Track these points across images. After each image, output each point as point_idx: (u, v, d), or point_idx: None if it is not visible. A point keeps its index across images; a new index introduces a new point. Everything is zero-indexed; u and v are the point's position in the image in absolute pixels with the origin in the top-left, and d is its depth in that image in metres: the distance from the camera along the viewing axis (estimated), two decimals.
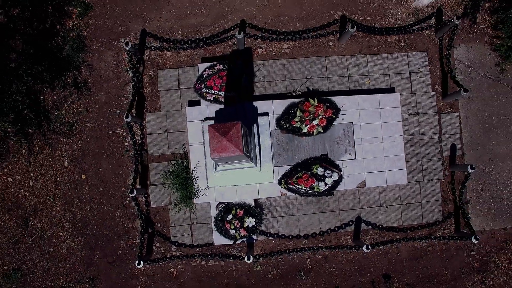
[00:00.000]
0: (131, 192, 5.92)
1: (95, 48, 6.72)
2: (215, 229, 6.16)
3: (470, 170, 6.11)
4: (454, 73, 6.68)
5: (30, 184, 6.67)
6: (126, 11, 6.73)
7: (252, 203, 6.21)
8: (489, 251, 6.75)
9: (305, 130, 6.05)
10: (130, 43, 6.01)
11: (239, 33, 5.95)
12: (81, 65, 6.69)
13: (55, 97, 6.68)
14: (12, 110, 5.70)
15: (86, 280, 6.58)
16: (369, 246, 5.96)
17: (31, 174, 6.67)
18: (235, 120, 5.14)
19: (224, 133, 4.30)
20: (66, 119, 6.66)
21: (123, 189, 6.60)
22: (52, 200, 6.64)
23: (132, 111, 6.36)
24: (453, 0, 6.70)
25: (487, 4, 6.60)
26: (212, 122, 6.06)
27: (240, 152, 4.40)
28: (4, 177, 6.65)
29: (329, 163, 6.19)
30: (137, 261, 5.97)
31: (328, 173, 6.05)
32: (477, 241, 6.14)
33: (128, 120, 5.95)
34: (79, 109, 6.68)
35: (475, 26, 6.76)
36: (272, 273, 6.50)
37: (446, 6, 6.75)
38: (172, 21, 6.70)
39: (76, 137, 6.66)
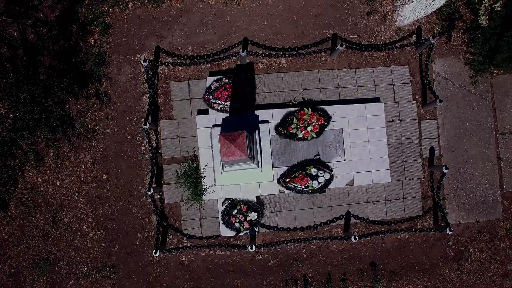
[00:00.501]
0: (149, 190, 6.78)
1: (115, 63, 7.57)
2: (222, 222, 7.03)
3: (445, 170, 6.99)
4: (432, 85, 7.55)
5: (57, 184, 7.52)
6: (142, 29, 7.59)
7: (254, 199, 7.08)
8: (464, 242, 7.63)
9: (300, 135, 6.92)
10: (147, 60, 6.87)
11: (243, 51, 6.82)
12: (102, 78, 7.54)
13: (79, 106, 7.53)
14: (48, 120, 6.55)
15: (107, 268, 7.43)
16: (357, 237, 6.84)
17: (58, 175, 7.52)
18: (240, 127, 6.00)
19: (232, 141, 5.17)
20: (89, 126, 7.52)
21: (140, 187, 7.45)
22: (76, 197, 7.49)
23: (148, 119, 7.22)
24: (431, 20, 7.57)
25: (460, 24, 7.47)
26: (219, 129, 6.92)
27: (245, 156, 5.27)
28: (34, 178, 7.50)
29: (322, 164, 7.07)
30: (154, 251, 6.83)
31: (320, 173, 6.92)
32: (451, 232, 7.02)
33: (145, 127, 6.82)
34: (101, 117, 7.53)
35: (451, 43, 7.63)
36: (272, 261, 7.37)
37: (425, 26, 7.63)
38: (183, 39, 7.56)
39: (98, 142, 7.51)
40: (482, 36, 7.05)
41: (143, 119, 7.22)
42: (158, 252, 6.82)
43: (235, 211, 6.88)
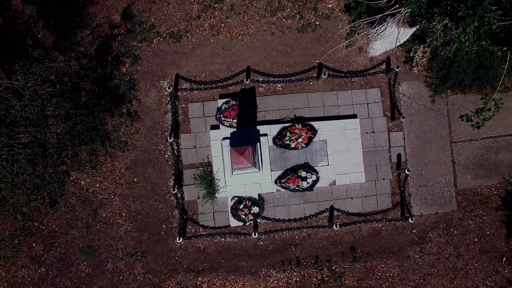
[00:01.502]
0: (173, 189, 8.57)
1: (143, 87, 9.35)
2: (231, 215, 8.83)
3: (407, 172, 8.82)
4: (399, 103, 9.37)
5: (97, 186, 9.30)
6: (164, 60, 9.37)
7: (256, 196, 8.89)
8: (425, 229, 9.45)
9: (292, 145, 8.72)
10: (171, 87, 8.66)
11: (246, 79, 8.62)
12: (132, 99, 9.32)
13: (114, 122, 9.31)
14: (98, 136, 8.31)
15: (138, 253, 9.22)
16: (338, 225, 8.66)
17: (97, 178, 9.30)
18: (245, 139, 7.79)
19: (241, 153, 6.96)
20: (122, 139, 9.29)
21: (164, 188, 9.24)
22: (113, 196, 9.27)
23: (172, 133, 9.00)
24: (398, 51, 9.39)
25: (421, 55, 9.28)
26: (228, 141, 8.72)
27: (251, 164, 7.06)
28: (78, 181, 9.28)
29: (310, 168, 8.88)
30: (177, 238, 8.64)
31: (309, 175, 8.73)
32: (413, 222, 8.85)
33: (170, 140, 8.61)
34: (131, 131, 9.31)
35: (413, 69, 9.45)
36: (270, 246, 9.18)
37: (393, 56, 9.44)
38: (198, 68, 9.35)
39: (130, 151, 9.29)
40: (437, 65, 8.86)
41: (166, 133, 9.02)
42: (181, 239, 8.62)
43: (242, 206, 8.68)
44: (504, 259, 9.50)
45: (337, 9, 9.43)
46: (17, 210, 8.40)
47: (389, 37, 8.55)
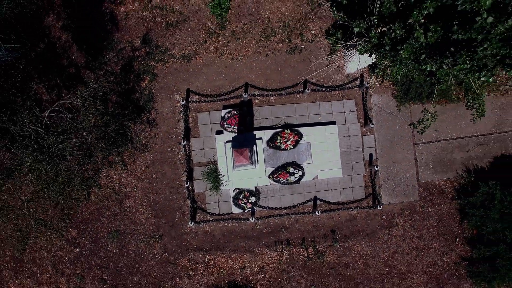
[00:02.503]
0: (186, 183, 10.57)
1: (159, 100, 11.35)
2: (233, 204, 10.84)
3: (376, 168, 10.85)
4: (370, 112, 11.39)
5: (122, 181, 11.29)
6: (177, 77, 11.38)
7: (253, 188, 10.89)
8: (393, 215, 11.47)
9: (283, 147, 10.73)
10: (183, 100, 10.67)
11: (245, 94, 10.63)
12: (151, 109, 11.31)
13: (136, 128, 11.30)
14: (127, 140, 10.31)
15: (156, 236, 11.20)
16: (320, 212, 10.67)
17: (123, 175, 11.29)
18: (244, 142, 9.78)
19: (241, 153, 8.97)
20: (143, 142, 11.29)
21: (178, 182, 11.24)
22: (135, 189, 11.26)
23: (184, 138, 10.98)
24: (369, 69, 11.42)
25: (389, 72, 11.30)
26: (230, 143, 10.71)
27: (249, 162, 9.07)
28: (108, 177, 11.26)
29: (297, 165, 10.89)
30: (189, 223, 10.64)
31: (296, 171, 10.74)
32: (381, 208, 10.87)
33: (183, 143, 10.62)
34: (150, 136, 11.31)
35: (383, 83, 11.47)
36: (265, 229, 11.18)
37: (365, 72, 11.47)
38: (205, 83, 11.36)
39: (149, 153, 11.29)
40: (400, 81, 10.89)
41: (179, 137, 11.03)
42: (192, 223, 10.63)
43: (241, 196, 10.69)
44: (457, 239, 11.52)
45: (319, 35, 11.46)
46: (64, 200, 10.36)
47: (359, 60, 10.57)
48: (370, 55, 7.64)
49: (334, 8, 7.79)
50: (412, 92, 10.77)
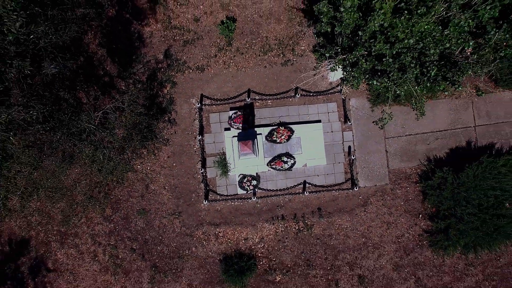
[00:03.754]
0: (201, 170, 13.22)
1: (178, 103, 14.00)
2: (238, 186, 13.50)
3: (353, 158, 13.54)
4: (349, 112, 14.07)
5: (148, 169, 13.91)
6: (193, 84, 14.02)
7: (255, 174, 13.56)
8: (368, 196, 14.13)
9: (278, 141, 13.40)
10: (198, 103, 13.33)
11: (247, 98, 13.30)
12: (171, 111, 13.96)
13: (159, 126, 13.93)
14: (156, 136, 12.94)
15: (176, 213, 13.83)
16: (309, 193, 13.35)
17: (148, 164, 13.92)
18: (247, 137, 12.47)
19: (245, 144, 11.64)
20: (165, 137, 13.92)
21: (193, 169, 13.88)
22: (159, 175, 13.89)
23: (198, 134, 13.61)
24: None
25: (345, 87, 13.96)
26: (236, 138, 13.36)
27: (251, 151, 11.74)
28: (139, 165, 13.87)
29: (289, 155, 13.56)
30: (203, 202, 13.29)
31: (289, 160, 13.40)
32: (357, 190, 13.55)
33: (198, 138, 13.29)
34: (171, 132, 13.95)
35: (359, 89, 14.16)
36: (264, 207, 13.84)
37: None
38: (215, 90, 14.03)
39: (170, 146, 13.92)
40: (371, 91, 13.59)
41: (195, 133, 13.68)
42: (205, 202, 13.28)
43: (245, 180, 13.34)
44: (420, 215, 14.20)
45: (307, 50, 14.16)
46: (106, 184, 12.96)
47: (334, 73, 13.28)
48: (341, 69, 10.41)
49: (315, 35, 10.49)
50: (381, 96, 13.47)
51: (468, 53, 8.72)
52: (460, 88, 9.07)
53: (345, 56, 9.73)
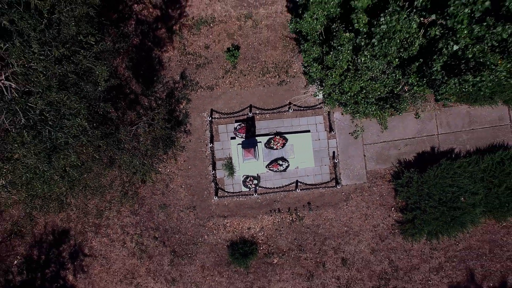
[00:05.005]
0: (212, 171, 16.17)
1: (192, 116, 16.94)
2: (242, 185, 16.46)
3: (336, 161, 16.53)
4: (333, 123, 17.05)
5: (168, 170, 16.85)
6: (204, 101, 16.97)
7: (256, 175, 16.52)
8: (349, 193, 17.11)
9: (275, 147, 16.37)
10: (209, 116, 16.29)
11: (249, 112, 16.27)
12: (187, 123, 16.90)
13: (177, 135, 16.86)
14: (172, 143, 15.89)
15: (191, 208, 16.78)
16: (300, 190, 16.33)
17: (168, 166, 16.85)
18: (250, 144, 15.42)
19: (249, 151, 14.59)
20: (182, 144, 16.86)
21: (205, 171, 16.82)
22: (177, 176, 16.83)
23: (209, 142, 16.56)
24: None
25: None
26: (240, 145, 16.30)
27: (253, 156, 14.70)
28: (161, 168, 16.79)
29: (284, 159, 16.53)
30: (213, 198, 16.25)
31: (283, 163, 16.37)
32: (340, 187, 16.54)
33: (209, 145, 16.26)
34: (187, 141, 16.89)
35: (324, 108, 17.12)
36: (264, 202, 16.81)
37: None
38: (223, 105, 16.98)
39: (186, 152, 16.87)
40: (349, 105, 16.58)
41: (206, 141, 16.63)
42: (216, 198, 16.24)
43: (248, 179, 16.30)
44: (392, 208, 17.19)
45: (299, 72, 17.15)
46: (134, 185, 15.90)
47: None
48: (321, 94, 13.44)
49: (302, 65, 13.49)
50: (360, 111, 16.45)
51: (406, 90, 11.70)
52: (401, 113, 12.20)
53: (322, 88, 12.72)
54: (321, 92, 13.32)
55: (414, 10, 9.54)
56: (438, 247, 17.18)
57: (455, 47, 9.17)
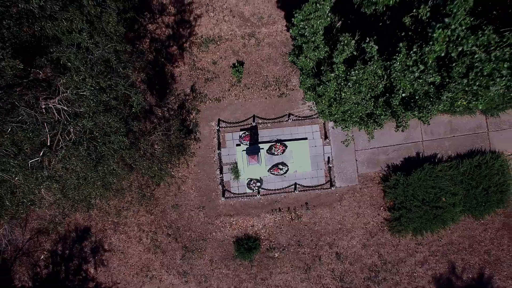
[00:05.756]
0: (219, 175, 18.07)
1: (202, 125, 18.83)
2: (246, 187, 18.37)
3: (331, 165, 18.45)
4: (328, 132, 18.96)
5: (180, 174, 18.74)
6: (212, 111, 18.87)
7: (259, 177, 18.43)
8: (342, 194, 19.03)
9: (276, 153, 18.27)
10: (217, 126, 18.20)
11: (253, 122, 18.19)
12: (197, 131, 18.79)
13: (187, 142, 18.74)
14: (184, 150, 17.79)
15: (200, 207, 18.66)
16: (298, 191, 18.25)
17: (180, 170, 18.74)
18: (253, 151, 17.34)
19: (253, 157, 16.49)
20: (192, 151, 18.75)
21: (214, 175, 18.71)
22: (188, 179, 18.71)
23: (217, 148, 18.46)
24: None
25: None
26: (245, 151, 18.19)
27: (256, 161, 16.60)
28: (173, 172, 18.68)
29: (284, 164, 18.43)
30: (221, 198, 18.16)
31: (284, 167, 18.28)
32: (334, 189, 18.45)
33: (217, 152, 18.17)
34: (197, 147, 18.78)
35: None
36: (266, 202, 18.70)
37: None
38: (229, 115, 18.88)
39: (196, 158, 18.75)
40: (338, 121, 18.50)
41: (214, 148, 18.54)
42: (223, 199, 18.14)
43: (252, 182, 18.21)
44: (382, 208, 19.11)
45: (297, 86, 19.07)
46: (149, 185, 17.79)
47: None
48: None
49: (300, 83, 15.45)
50: (355, 121, 18.37)
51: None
52: (382, 128, 14.33)
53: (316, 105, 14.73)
54: (315, 108, 15.25)
55: (378, 63, 12.36)
56: (422, 242, 19.09)
57: (403, 94, 12.69)
